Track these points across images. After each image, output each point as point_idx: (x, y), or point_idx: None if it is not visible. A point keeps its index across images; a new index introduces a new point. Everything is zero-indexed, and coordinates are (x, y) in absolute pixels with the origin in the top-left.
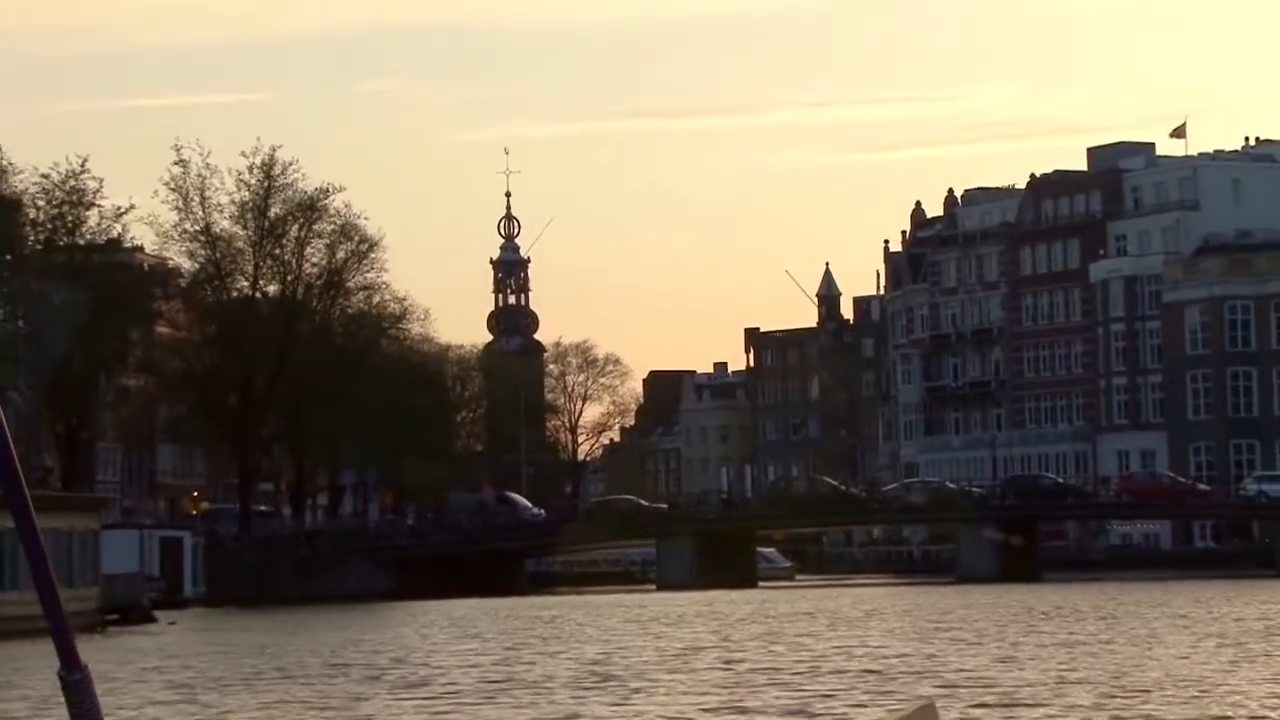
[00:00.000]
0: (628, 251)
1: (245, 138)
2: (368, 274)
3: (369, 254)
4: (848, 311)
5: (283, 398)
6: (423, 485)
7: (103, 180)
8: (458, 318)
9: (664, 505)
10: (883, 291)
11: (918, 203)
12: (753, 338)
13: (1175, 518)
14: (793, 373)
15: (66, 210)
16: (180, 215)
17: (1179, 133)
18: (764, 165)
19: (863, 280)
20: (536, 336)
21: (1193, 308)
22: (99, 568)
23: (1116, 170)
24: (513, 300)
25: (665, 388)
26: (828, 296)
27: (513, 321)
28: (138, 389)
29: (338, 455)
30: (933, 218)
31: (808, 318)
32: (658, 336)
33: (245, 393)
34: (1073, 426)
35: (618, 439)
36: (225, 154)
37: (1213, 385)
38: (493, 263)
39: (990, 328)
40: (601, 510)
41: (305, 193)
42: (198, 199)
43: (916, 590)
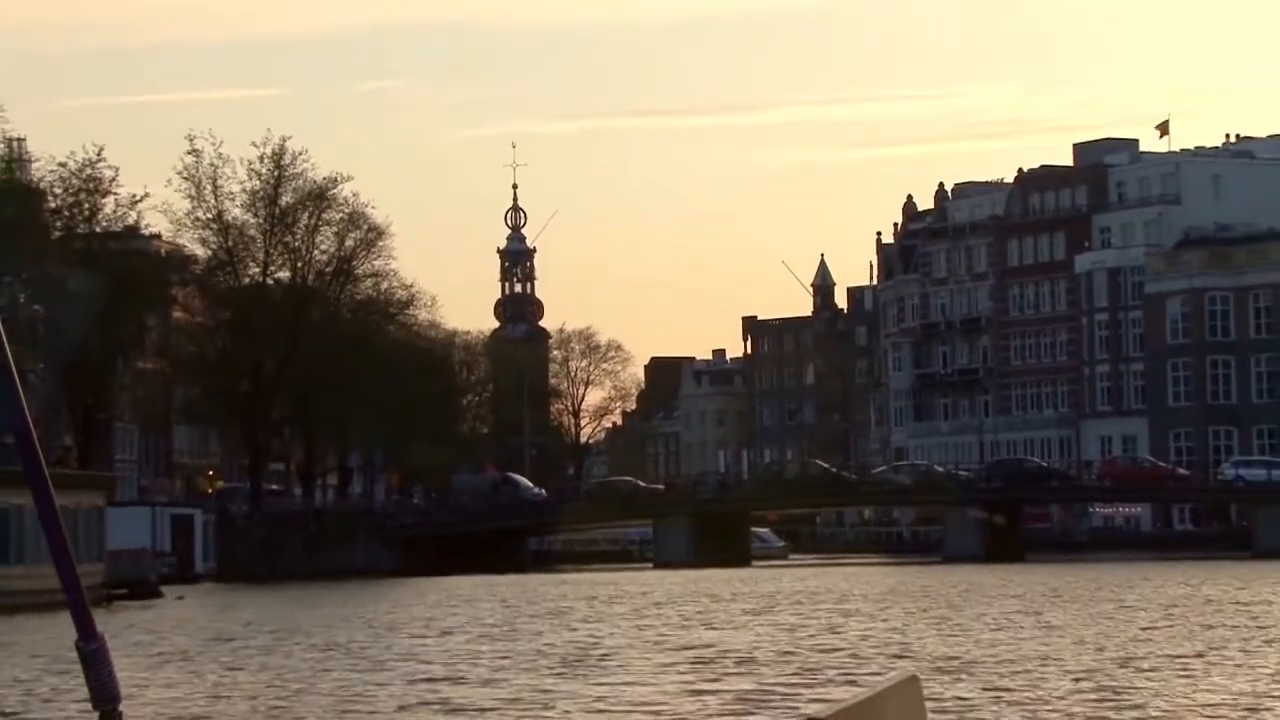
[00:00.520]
0: (630, 243)
1: (256, 134)
2: (375, 261)
3: (377, 242)
4: (842, 301)
5: (293, 381)
6: (429, 466)
7: (118, 169)
8: (467, 305)
9: (660, 486)
10: (875, 282)
11: (909, 196)
12: (750, 326)
13: (1155, 501)
14: (788, 360)
15: (83, 198)
16: (193, 203)
17: (1163, 129)
18: (761, 161)
19: (856, 271)
20: (541, 323)
21: (1174, 299)
22: (104, 544)
23: (1101, 166)
24: (519, 289)
25: (665, 373)
26: (822, 286)
27: (519, 309)
28: (154, 372)
29: (347, 437)
30: (924, 211)
31: (803, 307)
32: (658, 324)
33: (256, 376)
34: (1057, 412)
35: (620, 423)
36: (237, 148)
37: (1192, 373)
38: (500, 252)
39: (978, 317)
40: (601, 491)
41: (315, 182)
42: (210, 188)
43: (904, 569)
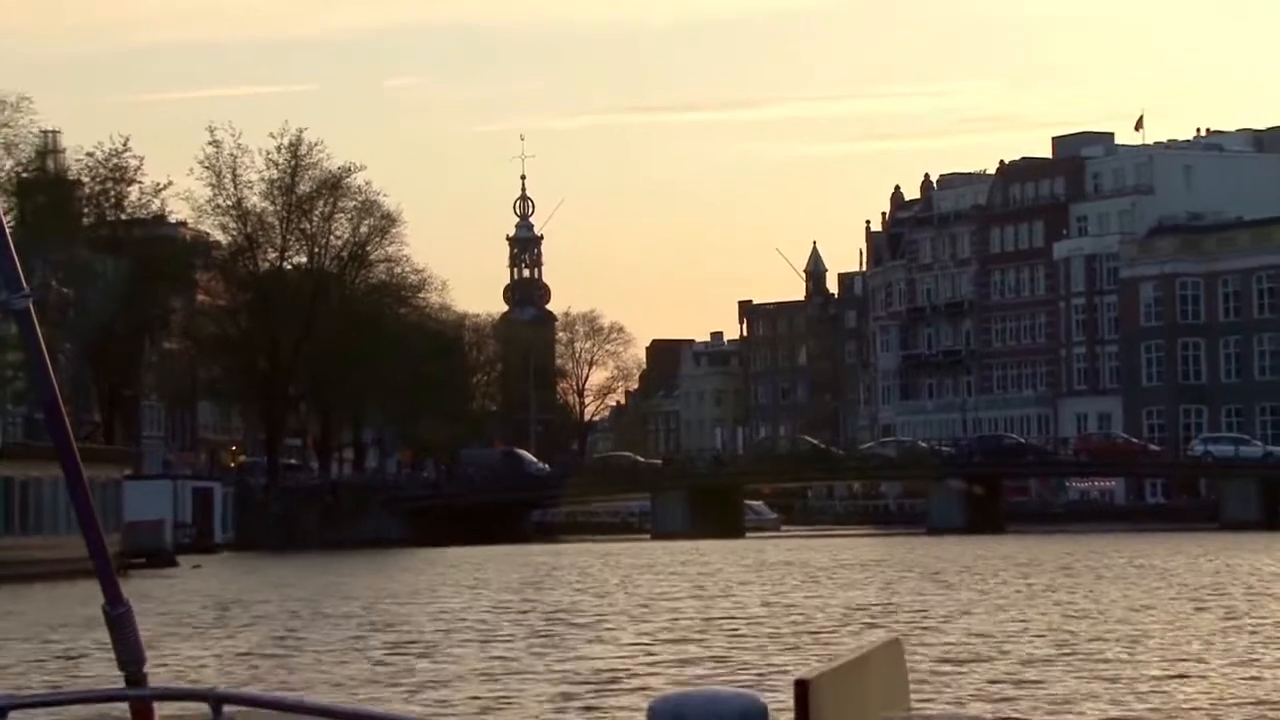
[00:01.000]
0: (632, 231)
1: (277, 129)
2: (389, 247)
3: (389, 228)
4: (833, 286)
5: (310, 361)
6: (439, 442)
7: (143, 158)
8: (477, 290)
9: (659, 461)
10: (865, 268)
11: (897, 187)
12: (746, 310)
13: (1129, 475)
14: (782, 342)
15: (110, 186)
16: (214, 191)
17: (1138, 123)
18: (757, 154)
19: (847, 258)
20: (548, 307)
21: (1147, 283)
22: (121, 515)
23: (1079, 158)
24: (527, 274)
25: (666, 355)
26: (815, 272)
27: (527, 293)
28: (179, 352)
29: (361, 414)
30: (911, 200)
31: (796, 292)
32: (659, 308)
33: (275, 356)
34: (1036, 392)
35: (622, 401)
36: (257, 142)
37: (1165, 355)
38: (509, 239)
39: (962, 301)
40: (602, 466)
41: (330, 171)
42: (230, 176)
43: (890, 540)
